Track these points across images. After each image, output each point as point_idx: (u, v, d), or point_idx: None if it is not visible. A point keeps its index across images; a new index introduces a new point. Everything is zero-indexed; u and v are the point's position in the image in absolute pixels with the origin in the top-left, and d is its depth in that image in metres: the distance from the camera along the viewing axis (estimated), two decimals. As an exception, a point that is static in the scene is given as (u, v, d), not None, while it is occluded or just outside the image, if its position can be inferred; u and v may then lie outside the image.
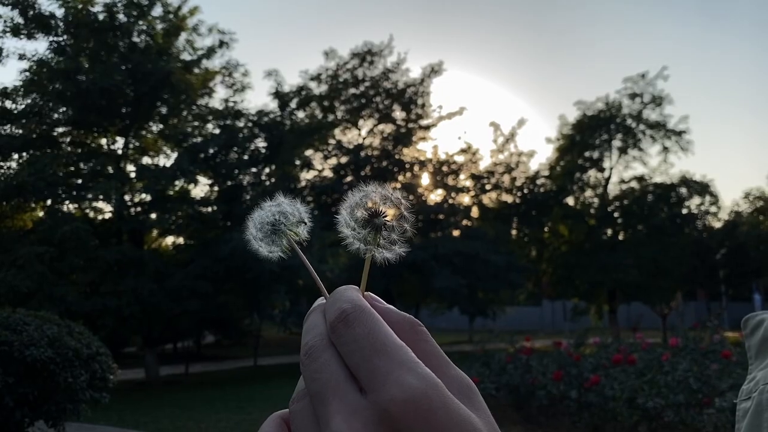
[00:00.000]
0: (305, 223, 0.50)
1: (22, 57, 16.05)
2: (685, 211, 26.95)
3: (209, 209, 17.76)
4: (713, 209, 27.75)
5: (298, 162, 22.60)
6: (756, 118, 62.64)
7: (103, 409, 8.09)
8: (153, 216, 16.80)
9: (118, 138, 17.70)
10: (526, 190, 26.85)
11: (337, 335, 0.38)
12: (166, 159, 18.66)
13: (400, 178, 24.60)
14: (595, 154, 27.16)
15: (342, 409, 0.34)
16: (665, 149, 26.82)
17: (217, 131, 18.58)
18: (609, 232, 27.05)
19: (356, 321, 0.38)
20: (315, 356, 0.38)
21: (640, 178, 26.97)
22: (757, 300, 29.21)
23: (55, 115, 16.56)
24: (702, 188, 26.77)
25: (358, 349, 0.36)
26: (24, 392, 6.00)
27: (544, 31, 66.37)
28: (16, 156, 16.05)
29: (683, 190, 26.70)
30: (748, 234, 28.72)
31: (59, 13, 16.19)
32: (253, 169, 19.22)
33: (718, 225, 29.60)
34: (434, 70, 24.95)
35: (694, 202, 27.32)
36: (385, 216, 0.45)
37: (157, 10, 17.53)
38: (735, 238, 28.69)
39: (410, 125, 24.96)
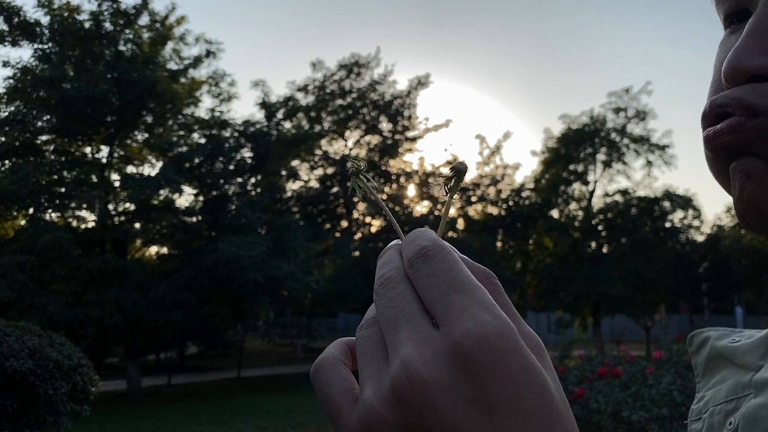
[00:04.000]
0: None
1: (6, 64, 15.92)
2: (668, 224, 27.17)
3: (194, 219, 17.66)
4: (696, 223, 28.02)
5: (284, 172, 22.57)
6: (737, 133, 63.31)
7: (83, 421, 7.99)
8: (137, 225, 16.67)
9: (102, 147, 17.57)
10: (511, 203, 26.97)
11: (415, 269, 0.37)
12: (151, 168, 18.55)
13: (387, 189, 24.64)
14: (580, 168, 27.35)
15: (414, 337, 0.34)
16: (649, 163, 27.07)
17: (202, 141, 18.50)
18: (593, 244, 27.20)
19: (436, 257, 0.37)
20: (391, 286, 0.38)
21: (624, 192, 27.18)
22: (739, 313, 29.50)
23: (39, 123, 16.41)
24: (685, 202, 27.02)
25: (436, 284, 0.36)
26: (3, 404, 5.90)
27: (530, 45, 66.99)
28: (-2, 163, 15.89)
29: (666, 204, 26.93)
30: (730, 248, 29.01)
31: (45, 20, 16.10)
32: (239, 179, 19.15)
33: (700, 239, 29.89)
34: (421, 83, 25.07)
35: (677, 216, 27.56)
36: (465, 165, 0.46)
37: (144, 19, 17.50)
38: (717, 251, 28.97)
39: (397, 137, 25.03)
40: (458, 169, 0.45)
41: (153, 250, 19.38)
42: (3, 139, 15.82)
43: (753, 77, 0.45)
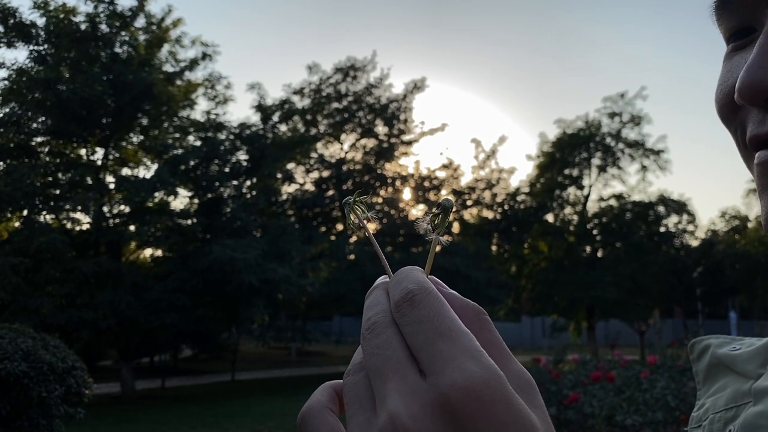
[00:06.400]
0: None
1: (1, 65, 15.87)
2: (662, 229, 27.26)
3: (189, 222, 17.62)
4: (690, 228, 28.12)
5: (279, 175, 22.53)
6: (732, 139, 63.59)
7: (77, 423, 7.95)
8: (132, 228, 16.62)
9: (97, 149, 17.52)
10: (506, 207, 27.02)
11: (401, 314, 0.37)
12: (146, 170, 18.51)
13: (382, 192, 24.65)
14: (575, 172, 27.44)
15: (401, 389, 0.34)
16: (643, 168, 27.18)
17: (198, 143, 18.48)
18: (588, 249, 27.28)
19: (422, 302, 0.37)
20: (378, 332, 0.37)
21: (618, 196, 27.28)
22: (733, 318, 29.56)
23: (34, 125, 16.34)
24: (679, 207, 27.12)
25: (422, 331, 0.36)
26: (-4, 407, 5.87)
27: (526, 49, 67.12)
28: (-8, 165, 15.82)
29: (661, 209, 27.02)
30: (724, 253, 29.07)
31: (40, 22, 16.05)
32: (234, 182, 19.12)
33: (695, 243, 29.95)
34: (417, 86, 25.13)
35: (672, 221, 27.67)
36: (451, 202, 0.46)
37: (140, 21, 17.46)
38: (711, 256, 29.03)
39: (392, 140, 25.06)
40: (444, 206, 0.45)
41: (147, 252, 19.32)
42: (-3, 140, 15.77)
43: None
